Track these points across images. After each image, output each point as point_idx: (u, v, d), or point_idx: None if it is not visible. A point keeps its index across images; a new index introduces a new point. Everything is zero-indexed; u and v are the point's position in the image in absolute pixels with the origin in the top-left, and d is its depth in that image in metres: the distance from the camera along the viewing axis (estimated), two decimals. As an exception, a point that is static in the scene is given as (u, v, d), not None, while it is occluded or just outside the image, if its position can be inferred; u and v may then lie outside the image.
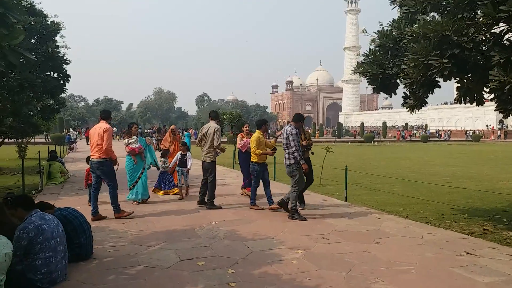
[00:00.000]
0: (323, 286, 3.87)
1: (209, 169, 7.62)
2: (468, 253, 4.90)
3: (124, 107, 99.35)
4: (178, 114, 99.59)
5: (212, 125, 7.62)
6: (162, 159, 9.12)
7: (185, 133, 22.36)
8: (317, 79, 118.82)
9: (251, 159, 7.43)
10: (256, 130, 7.58)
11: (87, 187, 7.70)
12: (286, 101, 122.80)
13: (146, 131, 38.18)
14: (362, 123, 70.10)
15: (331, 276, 4.14)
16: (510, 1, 3.99)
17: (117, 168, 6.87)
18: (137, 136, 8.09)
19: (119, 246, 5.11)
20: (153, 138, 28.10)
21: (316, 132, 63.00)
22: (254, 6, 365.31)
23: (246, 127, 9.10)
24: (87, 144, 35.68)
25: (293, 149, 6.55)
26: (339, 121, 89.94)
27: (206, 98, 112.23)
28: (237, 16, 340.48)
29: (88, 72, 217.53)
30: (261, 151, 7.28)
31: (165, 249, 5.01)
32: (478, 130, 62.96)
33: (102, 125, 6.58)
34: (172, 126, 10.50)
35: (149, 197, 8.14)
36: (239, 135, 9.10)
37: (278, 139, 8.48)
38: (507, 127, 61.95)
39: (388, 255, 4.79)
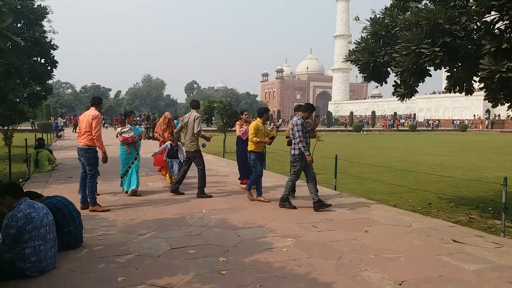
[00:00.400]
0: (313, 273, 3.91)
1: (195, 158, 7.55)
2: (455, 241, 4.98)
3: (112, 94, 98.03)
4: (167, 102, 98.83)
5: (193, 114, 7.55)
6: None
7: (175, 121, 22.23)
8: (307, 68, 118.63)
9: (248, 148, 7.23)
10: (257, 118, 7.43)
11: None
12: (276, 89, 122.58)
13: (135, 119, 37.89)
14: (351, 112, 70.46)
15: (321, 263, 4.18)
16: (502, -10, 3.99)
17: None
18: (131, 125, 7.90)
19: (109, 235, 5.08)
20: (142, 126, 27.88)
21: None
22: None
23: (245, 114, 8.80)
24: (74, 131, 35.33)
25: (297, 140, 6.50)
26: (328, 110, 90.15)
27: (195, 86, 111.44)
28: (226, 3, 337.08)
29: (76, 58, 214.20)
30: (258, 139, 7.09)
31: (155, 237, 5.00)
32: (466, 119, 63.74)
33: (92, 112, 6.44)
34: (166, 113, 9.98)
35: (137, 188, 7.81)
36: (237, 122, 8.73)
37: (280, 129, 8.43)
38: (495, 117, 62.72)
39: (377, 243, 4.84)
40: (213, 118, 18.03)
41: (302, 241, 4.92)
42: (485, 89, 5.05)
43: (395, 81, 6.14)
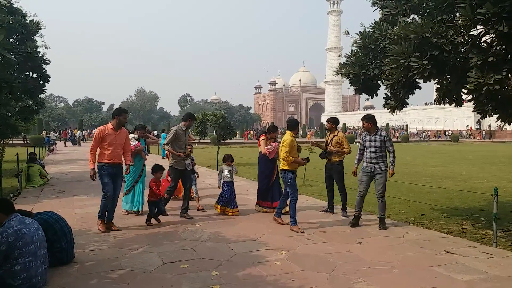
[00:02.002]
0: (307, 286, 3.90)
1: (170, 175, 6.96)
2: (447, 251, 5.00)
3: (105, 107, 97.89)
4: (160, 114, 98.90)
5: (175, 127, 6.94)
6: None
7: (162, 134, 22.12)
8: (300, 80, 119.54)
9: (281, 167, 6.26)
10: (287, 132, 6.38)
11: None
12: (269, 101, 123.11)
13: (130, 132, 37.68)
14: (344, 124, 70.84)
15: (314, 276, 4.17)
16: (488, 4, 4.09)
17: (127, 171, 6.22)
18: (138, 138, 7.41)
19: (101, 250, 5.03)
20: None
21: (308, 133, 64.22)
22: (237, 7, 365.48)
23: (274, 133, 7.51)
24: (65, 145, 35.11)
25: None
26: (321, 121, 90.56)
27: (189, 98, 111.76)
28: (220, 17, 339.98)
29: (69, 72, 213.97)
30: (293, 158, 6.12)
31: (148, 252, 4.96)
32: (464, 130, 64.27)
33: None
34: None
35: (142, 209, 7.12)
36: (262, 137, 7.47)
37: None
38: (489, 127, 63.34)
39: (370, 255, 4.85)
40: (205, 131, 17.99)
41: (296, 254, 4.91)
42: (473, 101, 5.13)
43: (385, 94, 6.23)
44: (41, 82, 11.10)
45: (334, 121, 7.44)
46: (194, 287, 3.87)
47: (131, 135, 7.29)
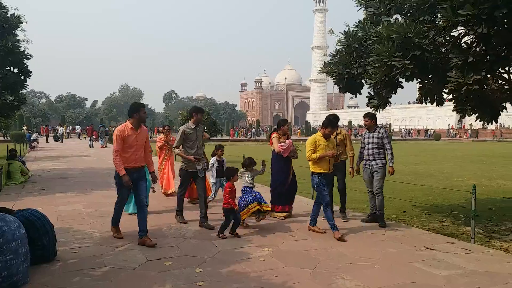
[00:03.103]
0: (290, 282, 3.94)
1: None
2: (427, 248, 5.12)
3: (88, 104, 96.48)
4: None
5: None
6: (242, 170, 6.14)
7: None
8: (285, 78, 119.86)
9: (311, 170, 5.70)
10: (318, 131, 5.94)
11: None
12: (255, 99, 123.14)
13: (112, 128, 37.38)
14: (329, 122, 71.24)
15: (297, 272, 4.22)
16: (468, 6, 4.18)
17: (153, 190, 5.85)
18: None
19: (84, 247, 4.99)
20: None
21: (298, 131, 64.74)
22: (224, 3, 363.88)
23: (286, 126, 6.95)
24: (47, 142, 34.54)
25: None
26: (307, 119, 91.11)
27: (174, 95, 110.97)
28: (205, 13, 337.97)
29: (51, 67, 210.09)
30: (317, 155, 5.57)
31: (132, 249, 4.94)
32: (451, 129, 65.30)
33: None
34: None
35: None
36: (274, 134, 6.80)
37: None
38: (470, 126, 64.49)
39: (352, 251, 4.93)
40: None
41: (279, 251, 4.95)
42: (453, 101, 5.25)
43: (369, 93, 6.31)
44: (22, 77, 10.92)
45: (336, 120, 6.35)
46: (178, 284, 3.88)
47: None
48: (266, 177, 7.78)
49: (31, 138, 27.97)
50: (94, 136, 30.91)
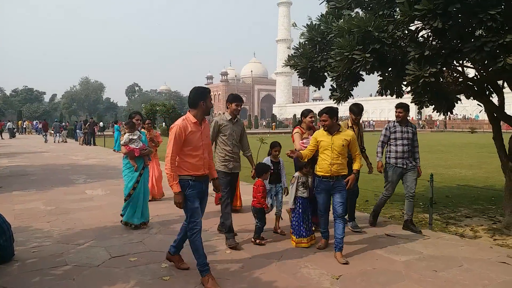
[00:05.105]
0: (256, 273, 3.99)
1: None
2: (388, 235, 5.32)
3: (47, 98, 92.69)
4: (106, 105, 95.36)
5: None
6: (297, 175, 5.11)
7: (115, 126, 21.42)
8: (251, 71, 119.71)
9: (354, 166, 4.68)
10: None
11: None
12: (221, 92, 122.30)
13: (74, 123, 36.13)
14: (295, 115, 72.04)
15: (263, 263, 4.27)
16: (424, 1, 4.32)
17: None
18: (139, 131, 5.99)
19: (44, 246, 4.83)
20: (80, 131, 26.64)
21: (272, 124, 64.77)
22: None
23: (310, 117, 5.71)
24: (1, 138, 32.96)
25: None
26: (273, 112, 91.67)
27: (137, 88, 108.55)
28: (170, 5, 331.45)
29: (6, 60, 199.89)
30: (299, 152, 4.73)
31: (94, 246, 4.83)
32: (422, 120, 67.13)
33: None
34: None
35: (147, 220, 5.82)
36: (296, 129, 5.75)
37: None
38: (430, 117, 66.75)
39: (316, 241, 5.03)
40: (155, 122, 17.65)
41: (247, 242, 4.98)
42: (411, 93, 5.43)
43: (331, 85, 6.42)
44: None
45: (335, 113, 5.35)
46: (143, 279, 3.84)
47: (136, 133, 5.82)
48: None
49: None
50: (49, 131, 30.01)
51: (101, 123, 45.54)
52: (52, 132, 30.05)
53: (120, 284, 3.71)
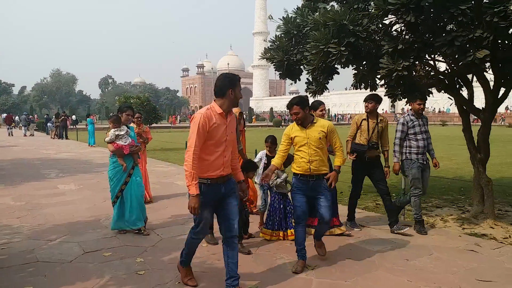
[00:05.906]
0: (233, 266, 3.98)
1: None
2: (362, 226, 5.41)
3: (16, 90, 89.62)
4: (79, 98, 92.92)
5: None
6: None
7: (88, 119, 20.93)
8: (228, 64, 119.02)
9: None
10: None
11: None
12: (197, 85, 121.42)
13: (45, 116, 35.10)
14: (271, 108, 72.21)
15: (240, 256, 4.24)
16: (397, -5, 4.38)
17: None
18: (128, 126, 5.32)
19: (14, 243, 4.69)
20: (51, 124, 25.92)
21: (253, 118, 64.62)
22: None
23: (320, 110, 5.37)
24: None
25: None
26: (250, 106, 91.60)
27: (110, 80, 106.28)
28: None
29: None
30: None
31: (67, 242, 4.73)
32: (398, 113, 68.17)
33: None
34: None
35: (144, 225, 5.20)
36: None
37: None
38: (402, 110, 68.15)
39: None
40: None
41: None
42: (385, 86, 5.53)
43: (307, 79, 6.45)
44: None
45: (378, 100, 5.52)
46: (118, 274, 3.78)
47: (123, 128, 5.18)
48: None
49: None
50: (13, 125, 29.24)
51: (73, 116, 44.46)
52: (21, 125, 29.17)
53: (94, 280, 3.65)
